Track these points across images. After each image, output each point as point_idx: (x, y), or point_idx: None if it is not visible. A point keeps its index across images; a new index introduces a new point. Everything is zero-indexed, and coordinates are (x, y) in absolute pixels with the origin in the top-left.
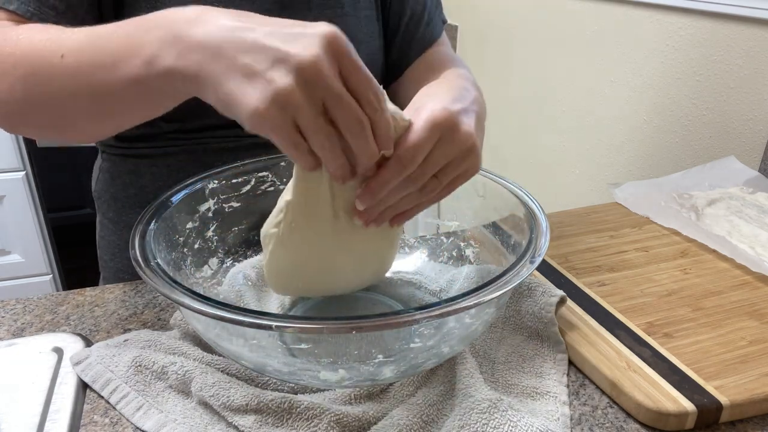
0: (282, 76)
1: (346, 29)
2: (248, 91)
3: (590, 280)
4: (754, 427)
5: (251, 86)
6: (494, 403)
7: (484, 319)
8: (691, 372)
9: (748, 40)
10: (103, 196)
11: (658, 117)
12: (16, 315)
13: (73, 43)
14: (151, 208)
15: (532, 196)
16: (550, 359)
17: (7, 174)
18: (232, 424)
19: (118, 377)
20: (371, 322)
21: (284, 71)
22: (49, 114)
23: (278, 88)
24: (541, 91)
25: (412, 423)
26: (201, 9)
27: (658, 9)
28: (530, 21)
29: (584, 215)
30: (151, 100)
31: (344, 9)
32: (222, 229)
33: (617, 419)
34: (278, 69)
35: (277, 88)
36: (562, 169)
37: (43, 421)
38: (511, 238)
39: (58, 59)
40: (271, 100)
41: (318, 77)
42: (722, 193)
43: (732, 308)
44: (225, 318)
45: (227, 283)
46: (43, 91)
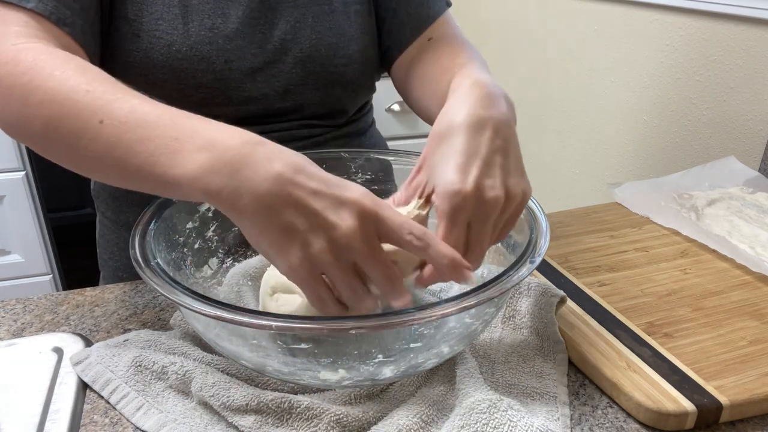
0: (319, 242)
1: (334, 25)
2: (285, 246)
3: (590, 280)
4: (754, 427)
5: (289, 242)
6: (494, 403)
7: (484, 319)
8: (691, 372)
9: (748, 40)
10: (102, 195)
11: (658, 117)
12: (16, 315)
13: (116, 111)
14: (151, 208)
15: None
16: (550, 359)
17: (7, 174)
18: (232, 424)
19: (118, 377)
20: (371, 322)
21: (322, 238)
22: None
23: (314, 253)
24: (541, 91)
25: (412, 423)
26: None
27: (658, 9)
28: (530, 21)
29: (584, 215)
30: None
31: (332, 5)
32: (222, 229)
33: (617, 419)
34: (317, 234)
35: (313, 252)
36: (562, 169)
37: (43, 421)
38: (511, 238)
39: (95, 123)
40: (306, 260)
41: (351, 246)
42: (722, 193)
43: (732, 308)
44: (225, 318)
45: (227, 283)
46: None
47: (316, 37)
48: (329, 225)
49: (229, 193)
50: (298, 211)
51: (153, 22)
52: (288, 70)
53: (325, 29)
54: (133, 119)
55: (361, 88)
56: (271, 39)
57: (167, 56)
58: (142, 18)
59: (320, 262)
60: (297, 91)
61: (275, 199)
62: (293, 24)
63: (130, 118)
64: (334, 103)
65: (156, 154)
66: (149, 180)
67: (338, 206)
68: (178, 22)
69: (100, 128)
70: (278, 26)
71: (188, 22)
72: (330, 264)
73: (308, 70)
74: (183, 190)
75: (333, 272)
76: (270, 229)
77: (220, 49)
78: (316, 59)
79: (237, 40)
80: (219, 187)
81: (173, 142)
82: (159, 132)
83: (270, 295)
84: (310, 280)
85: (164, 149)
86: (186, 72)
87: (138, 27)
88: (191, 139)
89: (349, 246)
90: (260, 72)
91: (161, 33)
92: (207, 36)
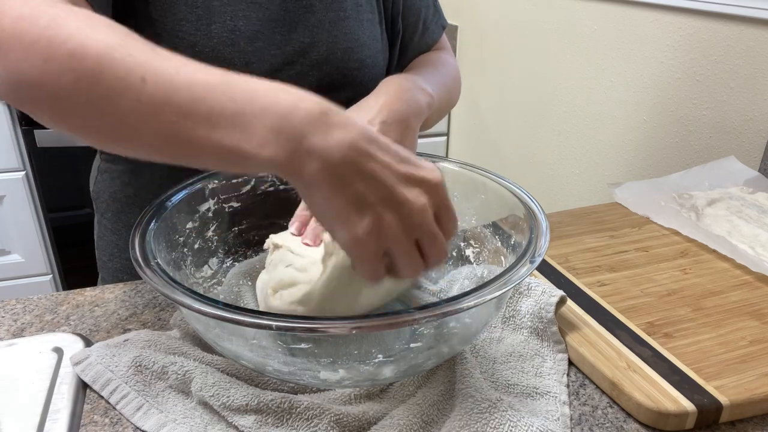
0: (390, 215)
1: (349, 31)
2: (355, 217)
3: (590, 280)
4: (754, 427)
5: (359, 214)
6: (494, 403)
7: (484, 319)
8: (691, 372)
9: (748, 40)
10: (102, 196)
11: (658, 117)
12: (16, 315)
13: (159, 69)
14: (151, 208)
15: (532, 196)
16: (550, 359)
17: (7, 174)
18: (232, 424)
19: (118, 377)
20: (371, 322)
21: (393, 212)
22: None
23: (384, 227)
24: (541, 91)
25: (412, 423)
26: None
27: (658, 9)
28: (530, 21)
29: (584, 215)
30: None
31: (346, 12)
32: (222, 229)
33: (617, 419)
34: (388, 208)
35: (383, 226)
36: (562, 169)
37: (43, 421)
38: (511, 238)
39: (136, 79)
40: (375, 234)
41: (421, 223)
42: (722, 193)
43: (732, 308)
44: (225, 318)
45: (227, 283)
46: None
47: (333, 42)
48: (402, 200)
49: (299, 159)
50: (370, 183)
51: (176, 22)
52: (305, 72)
53: (341, 34)
54: (180, 78)
55: (369, 92)
56: (290, 41)
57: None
58: (165, 18)
59: (388, 235)
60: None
61: (349, 168)
62: (311, 28)
63: (176, 76)
64: (344, 106)
65: (213, 117)
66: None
67: (411, 183)
68: (202, 23)
69: (143, 87)
70: (297, 30)
71: (211, 23)
72: (397, 238)
73: (323, 73)
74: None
75: (399, 246)
76: (339, 198)
77: (241, 51)
78: (332, 62)
79: (257, 42)
80: (287, 153)
81: (230, 104)
82: (212, 92)
83: (272, 296)
84: (372, 253)
85: (222, 111)
86: None
87: (161, 27)
88: (251, 100)
89: (418, 223)
90: (278, 73)
91: (184, 34)
92: (229, 38)
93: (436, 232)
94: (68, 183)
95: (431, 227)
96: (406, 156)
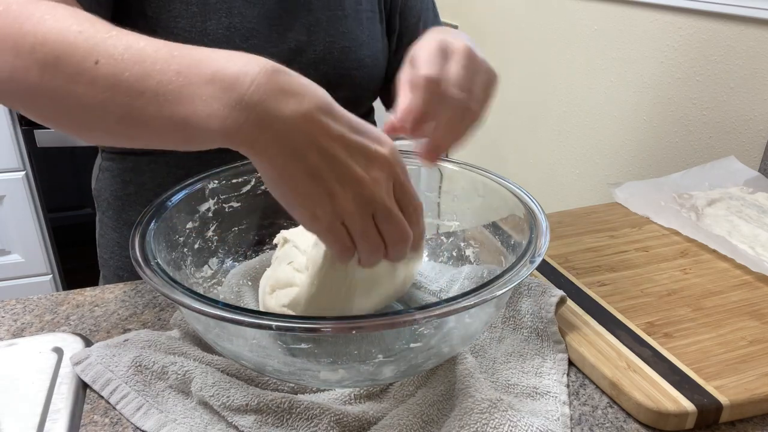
0: (344, 192)
1: (347, 30)
2: (308, 193)
3: (590, 280)
4: (754, 427)
5: (314, 189)
6: (494, 403)
7: (484, 319)
8: (691, 372)
9: (748, 40)
10: (103, 195)
11: (658, 117)
12: (16, 315)
13: (110, 50)
14: (151, 208)
15: (532, 196)
16: (550, 359)
17: (7, 174)
18: (232, 424)
19: (118, 377)
20: (371, 322)
21: (348, 188)
22: (64, 113)
23: (339, 202)
24: (541, 91)
25: (412, 423)
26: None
27: (658, 9)
28: (530, 21)
29: (584, 215)
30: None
31: (345, 11)
32: (222, 229)
33: (617, 419)
34: (342, 185)
35: (337, 201)
36: (562, 169)
37: (43, 421)
38: (511, 238)
39: (90, 63)
40: (329, 211)
41: (375, 198)
42: (722, 193)
43: (732, 308)
44: (225, 318)
45: (227, 283)
46: (64, 89)
47: (330, 41)
48: (355, 175)
49: (249, 129)
50: (324, 156)
51: (171, 19)
52: (302, 71)
53: (338, 33)
54: (129, 56)
55: (368, 92)
56: (286, 40)
57: None
58: (160, 15)
59: (344, 211)
60: None
61: (302, 140)
62: (308, 27)
63: (126, 54)
64: (342, 105)
65: (160, 92)
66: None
67: (367, 158)
68: (197, 20)
69: (96, 69)
70: (294, 28)
71: (206, 20)
72: (353, 214)
73: (321, 72)
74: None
75: (355, 223)
76: (292, 172)
77: (237, 48)
78: (329, 62)
79: (253, 39)
80: (236, 124)
81: (176, 77)
82: (159, 66)
83: (269, 294)
84: (334, 230)
85: (168, 85)
86: None
87: (155, 23)
88: (197, 70)
89: (373, 200)
90: None
91: (179, 30)
92: (224, 35)
93: (391, 207)
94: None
95: (385, 201)
96: (360, 127)
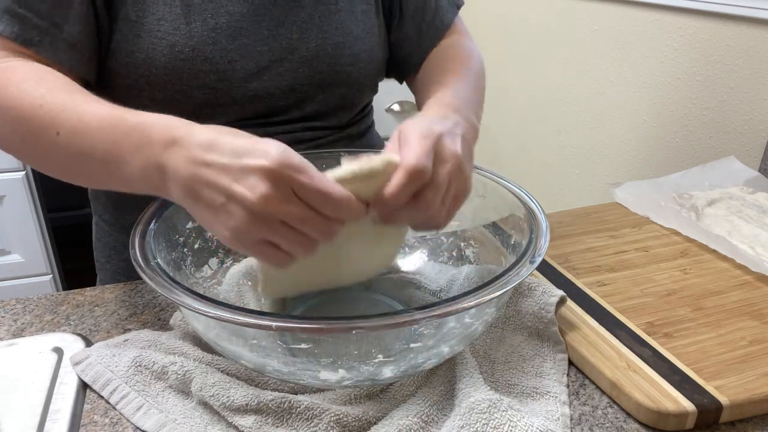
0: (238, 212)
1: (340, 25)
2: (213, 222)
3: (590, 280)
4: (754, 427)
5: (216, 218)
6: (494, 403)
7: (484, 319)
8: (691, 372)
9: (748, 40)
10: (100, 198)
11: (658, 117)
12: (16, 315)
13: (67, 123)
14: (151, 208)
15: (532, 196)
16: (550, 359)
17: (7, 174)
18: (232, 424)
19: (118, 377)
20: (371, 322)
21: (239, 208)
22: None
23: (236, 224)
24: (541, 91)
25: (412, 423)
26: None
27: (658, 9)
28: (530, 21)
29: (584, 215)
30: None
31: (338, 5)
32: None
33: (617, 419)
34: (233, 206)
35: (235, 224)
36: (562, 169)
37: (43, 421)
38: (511, 238)
39: (53, 134)
40: (234, 231)
41: (268, 211)
42: (722, 193)
43: (732, 308)
44: (225, 318)
45: (227, 283)
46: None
47: (323, 37)
48: (241, 197)
49: (165, 186)
50: (211, 188)
51: (155, 22)
52: (295, 69)
53: (332, 29)
54: (80, 128)
55: (365, 88)
56: (278, 37)
57: (169, 57)
58: (144, 18)
59: (247, 230)
60: (302, 89)
61: (191, 182)
62: (300, 24)
63: (78, 127)
64: (338, 103)
65: (105, 159)
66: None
67: (246, 175)
68: (181, 23)
69: (57, 140)
70: (285, 25)
71: (191, 22)
72: (257, 230)
73: (315, 69)
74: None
75: (264, 235)
76: (197, 209)
77: (224, 49)
78: (322, 58)
79: (241, 38)
80: (158, 183)
81: (113, 146)
82: (102, 137)
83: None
84: (248, 247)
85: (109, 154)
86: (189, 73)
87: (140, 28)
88: (128, 139)
89: (266, 211)
90: (267, 70)
91: (163, 34)
92: (210, 36)
93: (289, 211)
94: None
95: (284, 210)
96: (243, 149)
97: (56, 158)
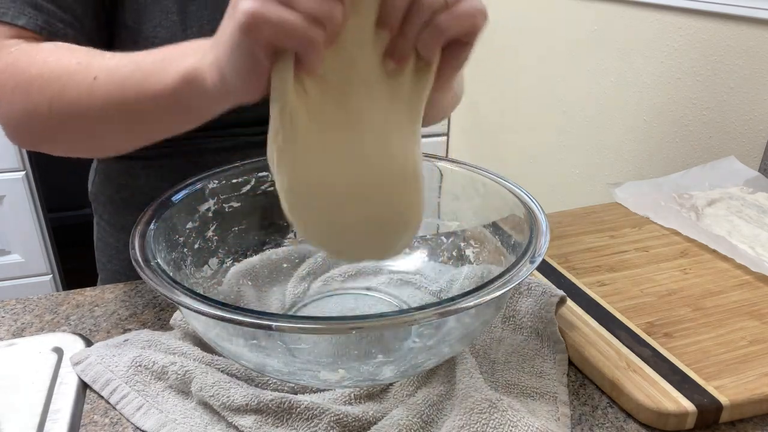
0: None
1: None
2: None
3: (590, 280)
4: (754, 427)
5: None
6: (494, 403)
7: (484, 319)
8: (691, 372)
9: (748, 40)
10: (100, 198)
11: (658, 117)
12: (16, 315)
13: (105, 64)
14: (151, 208)
15: (532, 196)
16: (550, 359)
17: (7, 174)
18: (232, 424)
19: (118, 377)
20: (371, 322)
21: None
22: (77, 132)
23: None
24: (541, 91)
25: (412, 423)
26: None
27: (658, 9)
28: (530, 21)
29: (584, 215)
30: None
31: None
32: (222, 229)
33: (617, 419)
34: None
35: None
36: (562, 169)
37: (43, 421)
38: (511, 238)
39: (90, 80)
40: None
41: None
42: (722, 193)
43: (732, 308)
44: (225, 318)
45: (227, 283)
46: (72, 110)
47: None
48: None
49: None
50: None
51: (151, 29)
52: None
53: None
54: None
55: None
56: None
57: None
58: (140, 25)
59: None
60: None
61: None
62: None
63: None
64: None
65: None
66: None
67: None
68: (177, 29)
69: (94, 83)
70: None
71: (186, 28)
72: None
73: None
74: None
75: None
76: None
77: None
78: None
79: None
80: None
81: (161, 62)
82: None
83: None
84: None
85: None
86: None
87: (136, 34)
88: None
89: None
90: None
91: (160, 40)
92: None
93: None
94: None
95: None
96: None
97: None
